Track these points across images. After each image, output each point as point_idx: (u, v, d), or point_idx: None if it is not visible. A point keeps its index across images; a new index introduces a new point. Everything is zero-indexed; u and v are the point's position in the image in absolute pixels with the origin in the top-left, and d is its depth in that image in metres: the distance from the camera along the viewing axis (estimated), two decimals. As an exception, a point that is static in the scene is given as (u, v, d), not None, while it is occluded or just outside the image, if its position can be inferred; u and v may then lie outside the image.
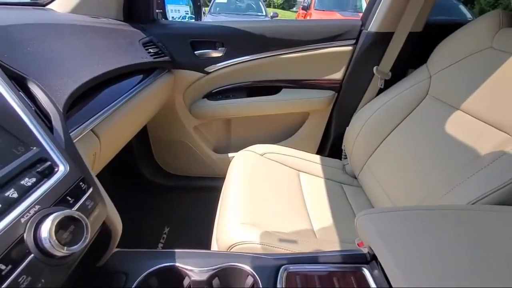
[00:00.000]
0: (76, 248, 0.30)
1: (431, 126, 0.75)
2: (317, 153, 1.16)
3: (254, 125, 1.16)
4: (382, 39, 0.92)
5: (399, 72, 0.93)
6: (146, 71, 0.84)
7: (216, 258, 0.50)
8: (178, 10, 1.38)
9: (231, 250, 0.61)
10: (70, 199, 0.33)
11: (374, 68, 0.95)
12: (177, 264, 0.48)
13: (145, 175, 1.20)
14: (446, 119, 0.72)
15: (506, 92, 0.62)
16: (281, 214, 0.73)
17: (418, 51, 0.91)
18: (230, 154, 1.17)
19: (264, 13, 6.60)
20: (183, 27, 1.06)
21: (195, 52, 1.00)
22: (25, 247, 0.27)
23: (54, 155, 0.35)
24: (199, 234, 0.87)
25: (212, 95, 1.09)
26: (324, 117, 1.13)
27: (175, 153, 1.19)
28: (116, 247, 0.48)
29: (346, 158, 1.03)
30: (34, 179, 0.31)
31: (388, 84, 0.94)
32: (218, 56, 1.02)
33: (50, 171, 0.33)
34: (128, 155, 1.14)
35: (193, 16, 1.37)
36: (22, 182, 0.30)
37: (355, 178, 0.98)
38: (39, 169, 0.32)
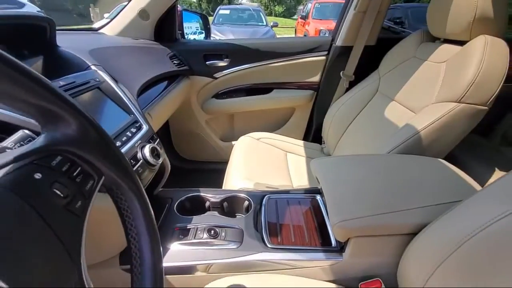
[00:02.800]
0: (159, 161, 0.60)
1: (377, 113, 1.05)
2: (303, 139, 1.46)
3: (252, 118, 1.47)
4: (346, 50, 1.23)
5: (360, 75, 1.23)
6: (172, 77, 1.16)
7: (225, 191, 0.80)
8: (190, 27, 1.71)
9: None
10: (151, 141, 0.64)
11: (341, 73, 1.25)
12: (201, 194, 0.78)
13: (166, 160, 1.51)
14: (386, 107, 1.02)
15: (419, 87, 0.92)
16: (270, 176, 1.03)
17: (374, 58, 1.20)
18: (233, 142, 1.47)
19: (264, 23, 6.93)
20: (197, 44, 1.38)
21: (207, 63, 1.32)
22: (138, 157, 0.58)
23: (141, 120, 0.66)
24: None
25: (219, 95, 1.40)
26: (307, 111, 1.43)
27: (190, 142, 1.50)
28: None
29: (325, 142, 1.32)
30: (135, 129, 0.62)
31: (352, 84, 1.24)
32: (224, 65, 1.33)
33: (140, 127, 0.64)
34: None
35: (202, 31, 1.68)
36: (131, 130, 0.61)
37: (330, 157, 1.27)
38: (136, 125, 0.63)
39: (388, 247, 0.55)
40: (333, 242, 0.62)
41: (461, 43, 0.83)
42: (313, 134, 1.44)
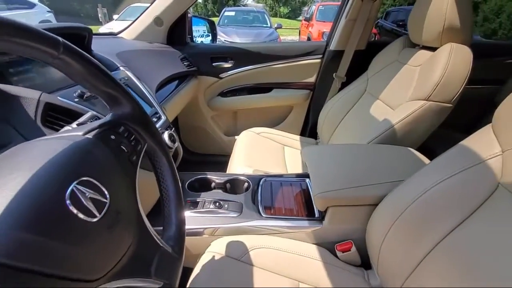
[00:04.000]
0: (175, 145, 0.74)
1: (364, 111, 1.18)
2: (300, 135, 1.59)
3: (253, 115, 1.61)
4: (338, 54, 1.36)
5: (351, 76, 1.36)
6: (182, 77, 1.30)
7: (228, 174, 0.94)
8: (198, 30, 1.84)
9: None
10: (168, 129, 0.78)
11: (334, 74, 1.39)
12: (208, 176, 0.92)
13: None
14: (371, 105, 1.15)
15: (398, 87, 1.05)
16: (268, 165, 1.16)
17: (364, 62, 1.33)
18: (236, 137, 1.61)
19: (268, 25, 7.06)
20: (205, 48, 1.53)
21: (213, 64, 1.46)
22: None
23: (160, 111, 0.80)
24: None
25: (224, 94, 1.54)
26: (304, 109, 1.57)
27: (196, 136, 1.64)
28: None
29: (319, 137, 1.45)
30: (156, 119, 0.76)
31: (344, 85, 1.37)
32: (228, 67, 1.47)
33: (159, 117, 0.78)
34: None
35: (209, 34, 1.83)
36: (153, 119, 0.75)
37: (324, 150, 1.40)
38: (156, 116, 0.77)
39: (358, 216, 0.69)
40: (316, 214, 0.76)
41: (433, 49, 0.96)
42: (309, 130, 1.58)
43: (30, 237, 0.23)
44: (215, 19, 7.85)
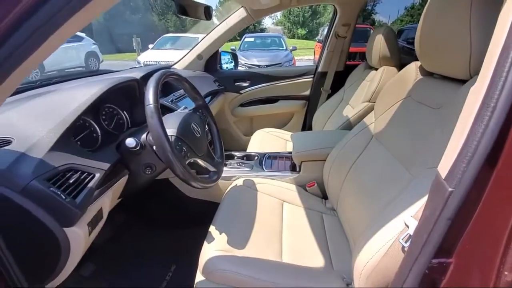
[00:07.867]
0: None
1: (340, 113, 1.69)
2: (300, 134, 2.11)
3: (265, 120, 2.16)
4: (324, 74, 1.90)
5: (335, 89, 1.88)
6: (214, 93, 1.90)
7: (245, 152, 1.49)
8: (224, 58, 2.48)
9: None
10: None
11: (321, 88, 1.92)
12: (232, 152, 1.48)
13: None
14: (344, 108, 1.66)
15: (359, 95, 1.56)
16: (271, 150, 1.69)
17: (342, 79, 1.86)
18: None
19: (284, 48, 7.76)
20: (229, 72, 2.14)
21: (235, 84, 2.06)
22: (206, 126, 1.29)
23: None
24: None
25: (243, 105, 2.12)
26: (302, 115, 2.10)
27: (222, 136, 2.20)
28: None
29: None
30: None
31: (329, 96, 1.89)
32: (246, 85, 2.06)
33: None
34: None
35: (232, 61, 2.44)
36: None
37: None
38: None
39: (319, 167, 1.19)
40: (297, 169, 1.27)
41: (377, 70, 1.48)
42: (307, 130, 2.10)
43: (184, 131, 0.80)
44: (237, 44, 8.73)
